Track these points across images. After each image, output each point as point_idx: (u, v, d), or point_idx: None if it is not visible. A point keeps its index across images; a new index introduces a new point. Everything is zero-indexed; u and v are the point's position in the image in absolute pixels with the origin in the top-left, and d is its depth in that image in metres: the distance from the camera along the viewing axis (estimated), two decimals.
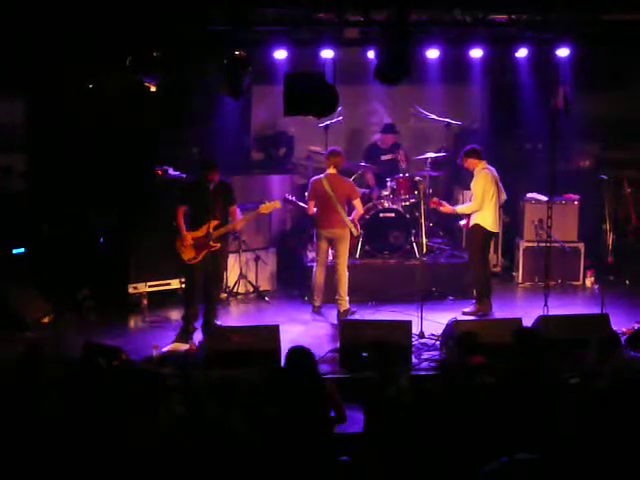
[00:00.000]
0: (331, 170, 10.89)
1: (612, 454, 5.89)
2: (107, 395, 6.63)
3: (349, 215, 10.90)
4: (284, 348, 9.15)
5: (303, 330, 10.52)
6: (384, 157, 12.91)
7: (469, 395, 6.73)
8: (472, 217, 10.86)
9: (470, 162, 10.83)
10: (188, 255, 9.92)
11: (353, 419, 7.64)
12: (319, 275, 11.01)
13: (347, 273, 10.87)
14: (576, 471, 5.75)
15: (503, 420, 6.66)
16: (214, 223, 9.89)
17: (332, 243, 10.91)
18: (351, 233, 10.90)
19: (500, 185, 10.91)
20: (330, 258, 11.16)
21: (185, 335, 9.89)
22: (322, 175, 10.96)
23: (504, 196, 11.04)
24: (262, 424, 6.55)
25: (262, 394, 6.99)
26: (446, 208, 11.09)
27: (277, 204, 10.69)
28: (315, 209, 10.90)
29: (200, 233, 9.89)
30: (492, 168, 10.88)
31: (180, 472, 5.97)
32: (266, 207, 10.50)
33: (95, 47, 10.04)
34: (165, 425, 6.30)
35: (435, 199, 11.29)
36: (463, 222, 11.18)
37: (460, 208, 11.27)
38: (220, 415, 6.39)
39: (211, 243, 9.89)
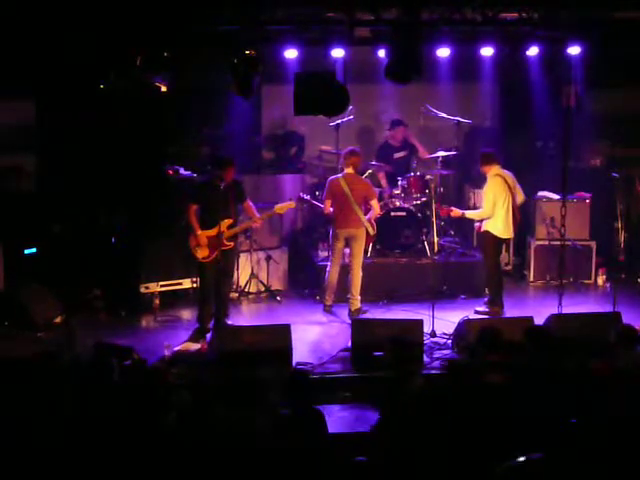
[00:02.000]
0: (349, 170, 10.86)
1: (631, 449, 5.88)
2: (119, 394, 6.65)
3: (365, 215, 10.89)
4: (295, 347, 9.20)
5: (314, 329, 10.52)
6: (397, 155, 12.88)
7: (481, 394, 6.72)
8: (483, 222, 10.83)
9: (483, 168, 10.82)
10: (202, 254, 9.94)
11: (365, 418, 7.64)
12: (333, 274, 11.00)
13: (361, 273, 10.87)
14: (590, 469, 5.74)
15: (515, 419, 6.64)
16: (227, 222, 9.90)
17: (348, 242, 10.90)
18: (367, 233, 10.90)
19: (517, 187, 10.83)
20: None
21: (199, 335, 9.91)
22: (339, 175, 10.94)
23: (522, 198, 10.98)
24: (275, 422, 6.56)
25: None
26: (455, 212, 11.05)
27: (292, 204, 10.70)
28: (331, 209, 10.89)
29: (213, 232, 9.90)
30: (507, 172, 10.80)
31: (186, 471, 5.98)
32: (281, 207, 10.51)
33: (106, 47, 10.05)
34: (173, 424, 6.31)
35: (443, 208, 11.27)
36: (477, 224, 11.14)
37: (469, 213, 11.27)
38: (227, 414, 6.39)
39: (224, 242, 9.90)
